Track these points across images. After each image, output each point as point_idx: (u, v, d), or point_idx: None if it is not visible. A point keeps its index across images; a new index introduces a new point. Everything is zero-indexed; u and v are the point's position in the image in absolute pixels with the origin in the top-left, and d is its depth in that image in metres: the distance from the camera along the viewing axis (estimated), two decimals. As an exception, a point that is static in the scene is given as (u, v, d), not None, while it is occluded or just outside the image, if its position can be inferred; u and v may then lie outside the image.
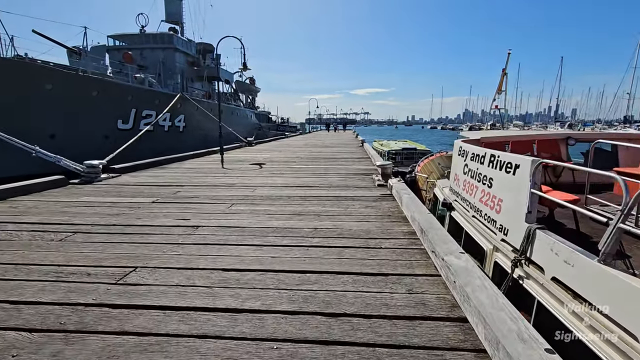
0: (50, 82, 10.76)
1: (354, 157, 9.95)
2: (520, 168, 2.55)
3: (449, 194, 4.60)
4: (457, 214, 4.07)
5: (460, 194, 3.94)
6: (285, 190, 4.87)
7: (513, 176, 2.64)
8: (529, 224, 2.37)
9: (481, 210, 3.21)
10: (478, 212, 3.29)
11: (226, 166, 7.85)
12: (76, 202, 4.07)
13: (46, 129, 11.23)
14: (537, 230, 2.25)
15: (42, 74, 10.62)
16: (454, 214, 4.17)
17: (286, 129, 42.29)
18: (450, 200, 4.39)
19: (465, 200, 3.74)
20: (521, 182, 2.50)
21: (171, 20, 24.80)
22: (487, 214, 3.05)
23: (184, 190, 4.86)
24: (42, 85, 10.63)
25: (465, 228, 3.70)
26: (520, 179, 2.51)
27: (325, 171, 6.87)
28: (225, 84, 27.97)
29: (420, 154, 13.47)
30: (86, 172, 5.68)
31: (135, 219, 3.35)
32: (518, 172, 2.57)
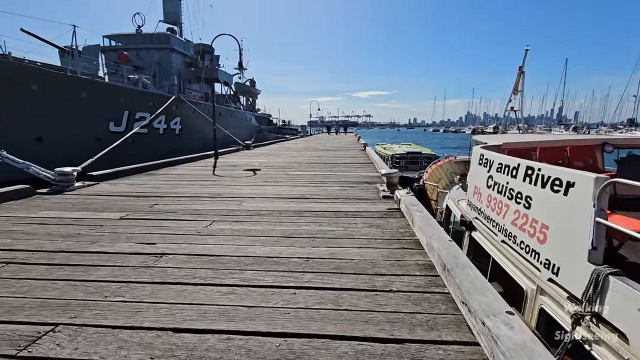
0: (35, 82, 10.22)
1: (356, 162, 9.35)
2: (577, 188, 1.94)
3: (467, 209, 3.97)
4: (479, 235, 3.46)
5: (484, 211, 3.33)
6: (277, 202, 4.27)
7: (564, 197, 2.03)
8: (595, 266, 1.76)
9: (515, 235, 2.60)
10: (510, 238, 2.69)
11: (218, 172, 7.26)
12: (30, 219, 3.48)
13: (31, 132, 10.70)
14: (611, 277, 1.65)
15: (27, 74, 10.08)
16: (476, 235, 3.55)
17: (287, 131, 41.77)
18: (469, 218, 3.78)
19: (491, 220, 3.14)
20: (577, 207, 1.90)
21: (169, 20, 24.31)
22: (525, 242, 2.44)
23: (163, 202, 4.27)
24: (27, 85, 10.08)
25: (492, 255, 3.08)
26: (576, 202, 1.92)
27: (324, 179, 6.27)
28: (224, 85, 27.45)
29: (426, 159, 12.88)
30: (57, 180, 5.11)
31: (89, 242, 2.75)
32: (573, 193, 1.97)
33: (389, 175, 4.70)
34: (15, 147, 9.92)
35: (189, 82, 22.91)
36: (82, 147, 9.70)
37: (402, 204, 3.68)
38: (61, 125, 11.34)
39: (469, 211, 3.87)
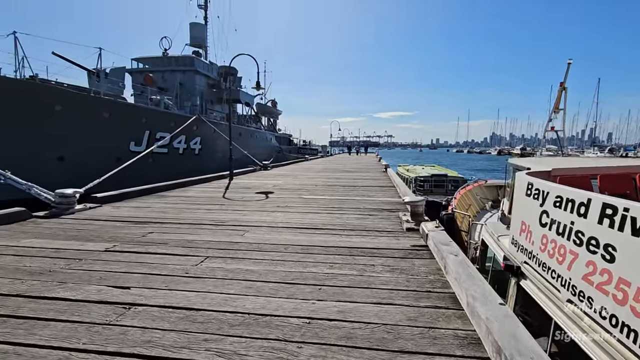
0: (60, 102, 10.43)
1: (376, 185, 8.75)
2: None
3: (511, 249, 3.29)
4: (531, 287, 2.76)
5: (537, 255, 2.67)
6: (285, 233, 3.76)
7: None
8: None
9: (590, 297, 1.95)
10: (582, 299, 2.02)
11: (229, 195, 6.88)
12: (8, 249, 3.13)
13: (54, 151, 10.86)
14: None
15: (52, 95, 10.32)
16: (526, 285, 2.85)
17: (307, 151, 41.74)
18: (516, 262, 3.10)
19: (549, 269, 2.47)
20: None
21: (195, 44, 25.16)
22: (611, 310, 1.78)
23: (159, 231, 3.85)
24: (52, 106, 10.30)
25: (555, 318, 2.37)
26: None
27: (341, 204, 5.72)
28: (246, 106, 27.84)
29: (453, 182, 12.07)
30: (57, 202, 4.84)
31: (56, 284, 2.32)
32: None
33: (414, 204, 4.11)
34: (38, 166, 10.12)
35: (212, 102, 23.33)
36: (102, 166, 9.70)
37: (430, 240, 3.07)
38: (83, 144, 11.47)
39: (514, 252, 3.19)
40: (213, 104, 23.65)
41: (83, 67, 13.57)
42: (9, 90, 9.35)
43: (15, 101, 9.48)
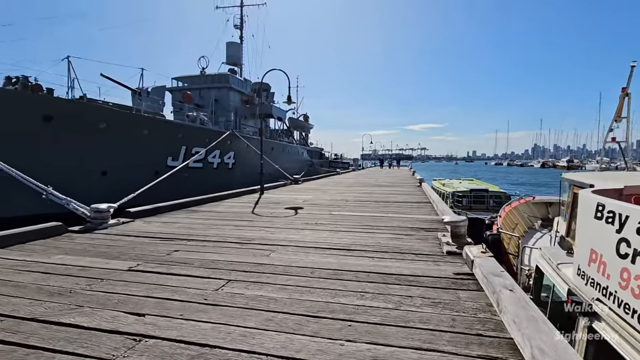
0: (104, 121, 11.05)
1: (411, 200, 8.31)
2: None
3: (578, 282, 2.80)
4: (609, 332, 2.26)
5: (617, 295, 2.19)
6: (313, 254, 3.51)
7: None
8: None
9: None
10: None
11: (258, 210, 6.78)
12: (37, 265, 3.14)
13: (98, 166, 11.46)
14: None
15: (97, 113, 10.97)
16: (602, 329, 2.35)
17: (339, 165, 41.59)
18: (586, 299, 2.61)
19: (634, 312, 2.01)
20: None
21: (231, 62, 26.18)
22: None
23: (185, 249, 3.76)
24: (97, 123, 10.93)
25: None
26: None
27: (373, 222, 5.40)
28: (278, 121, 28.34)
29: (495, 197, 11.26)
30: (92, 217, 4.94)
31: (73, 307, 2.22)
32: None
33: (455, 224, 3.71)
34: (83, 180, 10.71)
35: (245, 118, 23.96)
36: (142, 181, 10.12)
37: (476, 268, 2.68)
38: (124, 159, 12.04)
39: (582, 286, 2.70)
40: (246, 119, 24.28)
41: (127, 86, 14.43)
42: (59, 109, 10.04)
43: (64, 119, 10.16)
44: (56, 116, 10.00)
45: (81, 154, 10.82)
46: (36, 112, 9.70)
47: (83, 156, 10.87)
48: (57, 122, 10.03)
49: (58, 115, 10.02)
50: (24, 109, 9.43)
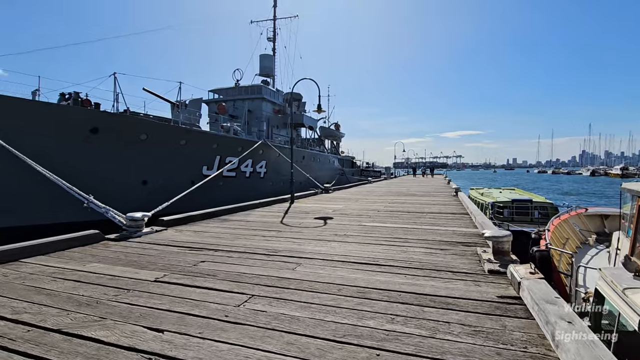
0: (144, 132, 11.63)
1: (446, 211, 7.88)
2: None
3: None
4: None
5: None
6: (341, 269, 3.33)
7: None
8: None
9: None
10: None
11: (287, 220, 6.71)
12: (72, 273, 3.22)
13: (139, 176, 12.05)
14: None
15: (139, 126, 11.56)
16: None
17: (370, 173, 41.05)
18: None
19: None
20: None
21: (264, 73, 26.89)
22: None
23: (212, 259, 3.72)
24: (138, 135, 11.52)
25: None
26: None
27: (405, 234, 5.12)
28: (309, 130, 28.55)
29: (540, 209, 10.42)
30: (127, 225, 5.10)
31: (97, 319, 2.20)
32: None
33: (497, 240, 3.38)
34: (125, 189, 11.29)
35: (277, 127, 24.38)
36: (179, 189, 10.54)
37: (525, 292, 2.37)
38: (163, 169, 12.57)
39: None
40: (278, 129, 24.69)
41: (167, 99, 15.17)
42: (105, 122, 10.70)
43: (109, 132, 10.80)
44: (102, 129, 10.67)
45: (124, 164, 11.43)
46: (84, 125, 10.40)
47: (125, 166, 11.47)
48: (103, 134, 10.68)
49: (103, 127, 10.68)
50: (75, 123, 10.15)
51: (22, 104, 9.28)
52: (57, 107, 10.32)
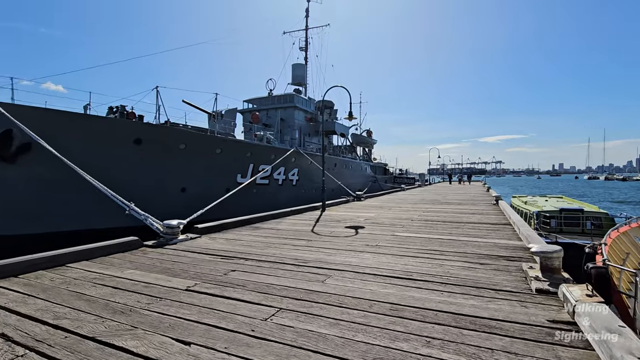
0: (183, 142, 12.15)
1: (486, 221, 7.43)
2: None
3: None
4: None
5: None
6: (372, 283, 3.18)
7: None
8: None
9: None
10: None
11: (318, 228, 6.64)
12: (111, 279, 3.34)
13: (178, 184, 12.58)
14: None
15: (177, 136, 12.11)
16: None
17: (403, 180, 40.14)
18: None
19: None
20: None
21: (296, 82, 27.35)
22: None
23: (241, 269, 3.72)
24: (177, 145, 12.05)
25: None
26: None
27: (441, 246, 4.86)
28: (341, 137, 28.50)
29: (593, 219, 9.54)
30: (164, 232, 5.28)
31: (129, 328, 2.24)
32: None
33: (546, 255, 3.08)
34: (165, 196, 11.83)
35: (309, 135, 24.58)
36: (215, 197, 10.90)
37: (581, 317, 2.10)
38: (200, 177, 13.04)
39: None
40: (310, 137, 24.88)
41: (204, 110, 15.78)
42: (147, 133, 11.31)
43: (151, 142, 11.41)
44: (145, 139, 11.28)
45: (164, 173, 11.99)
46: (129, 136, 11.06)
47: (165, 174, 12.03)
48: (145, 145, 11.29)
49: (146, 138, 11.30)
50: (120, 134, 10.82)
51: (75, 117, 10.05)
52: (105, 119, 11.07)
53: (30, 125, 8.30)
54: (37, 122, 8.53)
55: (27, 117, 8.49)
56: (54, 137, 8.39)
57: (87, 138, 9.92)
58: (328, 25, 29.99)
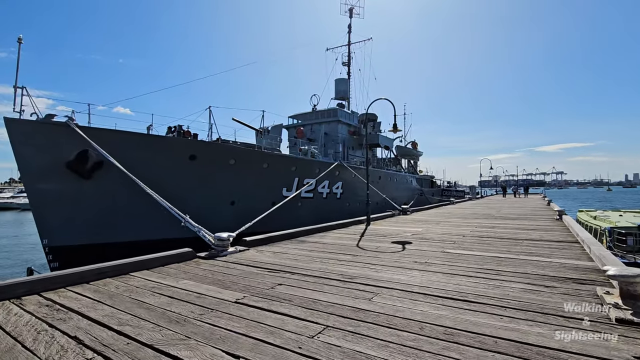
0: (233, 158, 12.76)
1: (549, 238, 6.79)
2: None
3: None
4: None
5: None
6: (422, 303, 3.02)
7: None
8: None
9: None
10: None
11: (363, 243, 6.53)
12: (168, 289, 3.54)
13: (228, 197, 13.18)
14: None
15: (228, 152, 12.75)
16: None
17: (452, 193, 38.30)
18: None
19: None
20: None
21: (339, 96, 27.65)
22: None
23: (288, 283, 3.75)
24: (227, 160, 12.70)
25: None
26: None
27: (499, 265, 4.50)
28: (385, 149, 28.09)
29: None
30: (215, 244, 5.52)
31: (182, 338, 2.34)
32: None
33: (627, 280, 2.71)
34: (216, 209, 12.45)
35: (352, 148, 24.56)
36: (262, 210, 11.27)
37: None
38: (248, 191, 13.57)
39: None
40: (354, 150, 24.85)
41: (252, 127, 16.53)
42: (201, 150, 12.07)
43: (204, 158, 12.14)
44: (198, 155, 12.05)
45: (215, 187, 12.65)
46: (185, 153, 11.89)
47: (217, 188, 12.69)
48: (199, 161, 12.05)
49: (200, 154, 12.06)
50: (177, 151, 11.68)
51: (139, 137, 11.05)
52: (165, 138, 12.01)
53: (102, 144, 9.28)
54: (107, 142, 9.51)
55: (99, 138, 9.51)
56: (122, 155, 9.29)
57: (148, 155, 10.83)
58: (370, 39, 30.17)
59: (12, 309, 2.97)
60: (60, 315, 2.80)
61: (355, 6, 29.57)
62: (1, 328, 2.55)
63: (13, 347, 2.24)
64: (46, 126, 9.35)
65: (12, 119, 8.97)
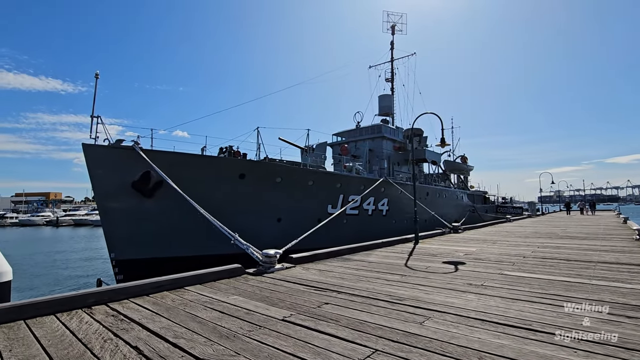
0: (279, 176, 13.14)
1: (628, 261, 5.99)
2: None
3: None
4: None
5: None
6: (480, 330, 2.79)
7: None
8: None
9: None
10: None
11: (411, 263, 6.27)
12: (219, 304, 3.67)
13: (275, 214, 13.52)
14: None
15: (275, 170, 13.17)
16: None
17: (508, 210, 35.63)
18: None
19: None
20: None
21: (383, 112, 27.51)
22: None
23: (334, 302, 3.70)
24: (274, 178, 13.09)
25: None
26: None
27: (567, 291, 4.05)
28: (432, 164, 27.13)
29: None
30: (263, 261, 5.64)
31: (232, 355, 2.38)
32: None
33: None
34: (263, 226, 12.83)
35: (398, 164, 24.07)
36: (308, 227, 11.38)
37: None
38: (294, 208, 13.81)
39: None
40: (399, 166, 24.34)
41: (298, 145, 16.97)
42: (250, 169, 12.61)
43: (253, 176, 12.65)
44: (247, 175, 12.59)
45: (263, 204, 13.06)
46: (235, 172, 12.50)
47: (264, 206, 13.09)
48: (248, 179, 12.58)
49: (249, 174, 12.60)
50: (228, 171, 12.32)
51: (194, 158, 11.86)
52: (216, 159, 12.75)
53: (161, 166, 10.09)
54: (166, 163, 10.33)
55: (160, 160, 10.37)
56: (177, 174, 10.00)
57: (202, 175, 11.54)
58: (414, 54, 29.90)
59: (83, 317, 3.26)
60: (123, 325, 3.02)
61: (397, 23, 29.67)
62: (75, 335, 2.80)
63: (84, 353, 2.44)
64: (115, 150, 10.42)
65: (88, 145, 10.13)
